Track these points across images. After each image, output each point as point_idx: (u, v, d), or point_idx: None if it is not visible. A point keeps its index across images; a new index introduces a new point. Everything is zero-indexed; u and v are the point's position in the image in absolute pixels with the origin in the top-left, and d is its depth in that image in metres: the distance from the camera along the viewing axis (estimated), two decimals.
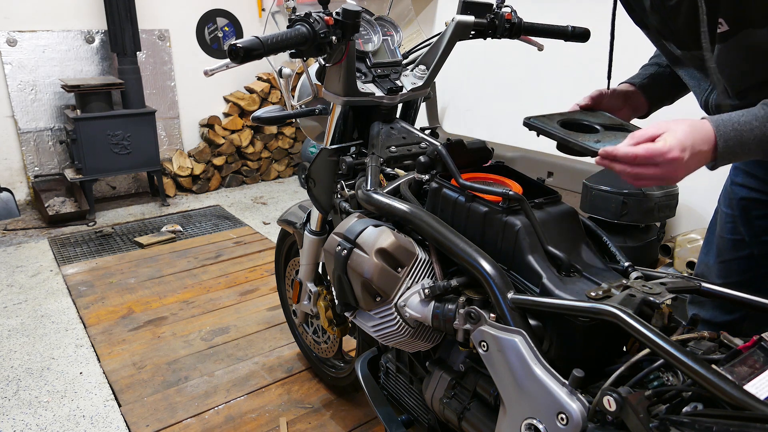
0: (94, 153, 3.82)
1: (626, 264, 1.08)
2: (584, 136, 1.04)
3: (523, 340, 0.92)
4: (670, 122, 0.89)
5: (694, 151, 0.87)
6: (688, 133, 0.87)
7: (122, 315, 2.64)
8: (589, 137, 1.04)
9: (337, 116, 1.44)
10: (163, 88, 4.48)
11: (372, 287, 1.14)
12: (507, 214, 1.05)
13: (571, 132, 1.05)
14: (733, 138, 0.86)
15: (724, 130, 0.86)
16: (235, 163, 4.68)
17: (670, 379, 0.87)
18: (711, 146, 0.87)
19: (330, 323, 1.72)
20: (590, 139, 1.03)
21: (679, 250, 2.53)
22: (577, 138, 1.02)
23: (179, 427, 1.90)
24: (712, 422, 0.70)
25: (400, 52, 1.52)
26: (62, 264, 3.19)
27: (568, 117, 1.12)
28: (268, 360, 2.27)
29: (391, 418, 1.43)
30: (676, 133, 0.87)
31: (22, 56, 3.88)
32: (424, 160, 1.22)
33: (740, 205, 1.26)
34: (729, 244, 1.30)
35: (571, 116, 1.12)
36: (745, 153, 0.88)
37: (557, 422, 0.85)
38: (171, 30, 4.41)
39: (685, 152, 0.86)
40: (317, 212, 1.66)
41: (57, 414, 1.97)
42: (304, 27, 1.18)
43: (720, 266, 1.32)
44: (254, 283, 2.97)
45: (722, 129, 0.87)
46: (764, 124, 0.85)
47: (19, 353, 2.33)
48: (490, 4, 1.49)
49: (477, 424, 1.11)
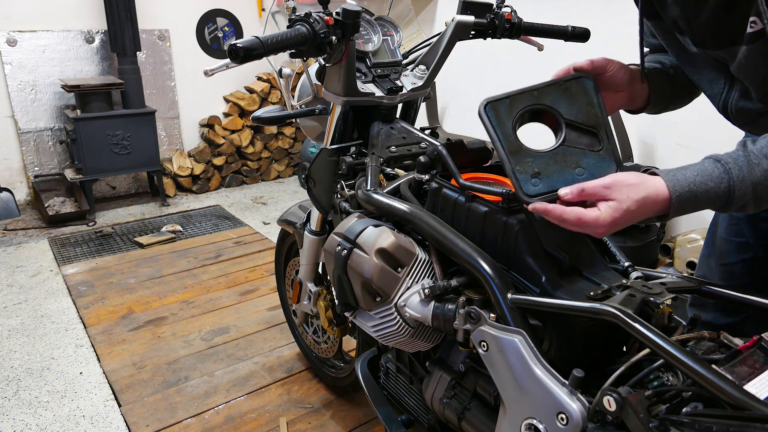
0: (94, 153, 3.82)
1: (626, 264, 1.08)
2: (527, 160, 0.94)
3: (523, 340, 0.92)
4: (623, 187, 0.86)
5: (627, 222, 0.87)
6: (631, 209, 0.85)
7: (122, 315, 2.64)
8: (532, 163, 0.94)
9: (337, 116, 1.44)
10: (163, 88, 4.48)
11: (372, 287, 1.14)
12: (507, 214, 1.05)
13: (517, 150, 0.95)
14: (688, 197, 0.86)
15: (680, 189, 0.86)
16: (235, 163, 4.68)
17: (670, 379, 0.87)
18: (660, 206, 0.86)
19: (330, 323, 1.72)
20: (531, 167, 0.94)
21: (679, 250, 2.53)
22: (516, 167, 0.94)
23: (179, 427, 1.90)
24: (712, 422, 0.70)
25: (400, 52, 1.52)
26: (62, 264, 3.19)
27: (535, 100, 0.98)
28: (268, 360, 2.27)
29: (391, 418, 1.43)
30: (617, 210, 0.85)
31: (22, 56, 3.88)
32: (424, 160, 1.22)
33: None
34: (732, 247, 1.27)
35: (540, 98, 0.98)
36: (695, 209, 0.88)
37: (557, 422, 0.85)
38: (171, 30, 4.41)
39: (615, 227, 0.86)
40: (317, 212, 1.66)
41: (57, 414, 1.97)
42: (304, 27, 1.18)
43: (722, 269, 1.30)
44: (254, 283, 2.97)
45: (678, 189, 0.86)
46: (718, 185, 0.85)
47: (19, 353, 2.33)
48: (490, 4, 1.48)
49: (477, 424, 1.11)
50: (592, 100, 0.99)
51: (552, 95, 0.98)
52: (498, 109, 0.96)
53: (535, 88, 0.98)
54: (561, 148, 0.96)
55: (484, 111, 0.96)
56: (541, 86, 0.99)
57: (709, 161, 0.88)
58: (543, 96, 0.98)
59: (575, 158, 0.96)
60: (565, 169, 0.95)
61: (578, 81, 1.00)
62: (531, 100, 0.98)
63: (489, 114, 0.96)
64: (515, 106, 0.97)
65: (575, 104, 0.98)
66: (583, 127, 0.98)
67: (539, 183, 0.94)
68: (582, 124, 0.98)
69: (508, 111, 0.97)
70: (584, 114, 0.98)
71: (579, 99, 0.99)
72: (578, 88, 0.99)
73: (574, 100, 0.99)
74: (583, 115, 0.98)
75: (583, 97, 0.99)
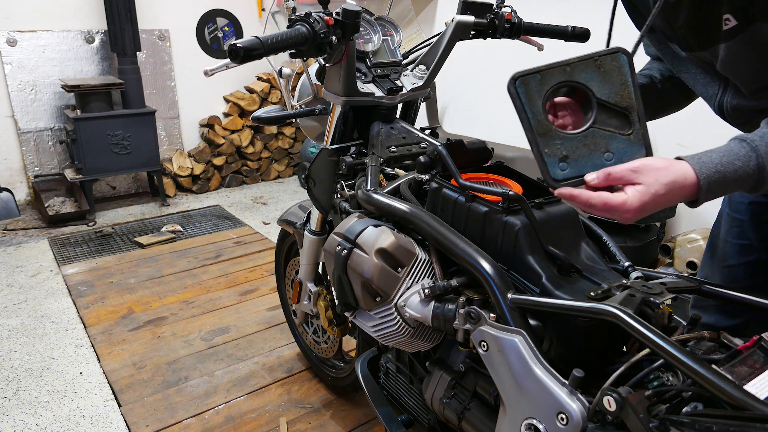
0: (94, 153, 3.82)
1: (626, 264, 1.08)
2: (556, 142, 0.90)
3: (523, 340, 0.92)
4: (651, 171, 0.84)
5: (656, 207, 0.85)
6: (659, 193, 0.83)
7: (122, 315, 2.64)
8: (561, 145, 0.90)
9: (337, 116, 1.44)
10: (163, 88, 4.48)
11: (372, 287, 1.14)
12: (507, 214, 1.05)
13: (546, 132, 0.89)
14: (717, 181, 0.84)
15: (708, 172, 0.84)
16: (235, 163, 4.68)
17: (670, 379, 0.87)
18: (689, 191, 0.85)
19: (330, 323, 1.72)
20: (560, 150, 0.89)
21: (679, 250, 2.53)
22: (544, 149, 0.89)
23: (179, 427, 1.90)
24: (712, 422, 0.70)
25: (400, 52, 1.52)
26: (62, 264, 3.19)
27: (568, 77, 0.91)
28: (268, 360, 2.27)
29: (391, 418, 1.43)
30: (645, 194, 0.83)
31: (22, 56, 3.88)
32: (424, 160, 1.22)
33: (749, 209, 1.23)
34: (735, 249, 1.27)
35: (573, 74, 0.91)
36: (726, 191, 0.86)
37: (557, 422, 0.85)
38: (171, 30, 4.41)
39: (643, 212, 0.84)
40: (317, 212, 1.66)
41: (57, 414, 1.97)
42: (304, 27, 1.18)
43: (725, 271, 1.29)
44: (254, 283, 2.97)
45: (705, 171, 0.84)
46: (746, 163, 0.83)
47: (19, 353, 2.33)
48: (490, 4, 1.48)
49: (477, 424, 1.11)
50: (627, 80, 0.92)
51: (585, 71, 0.92)
52: (528, 84, 0.90)
53: (568, 62, 0.91)
54: (591, 131, 0.91)
55: (514, 86, 0.89)
56: (575, 61, 0.91)
57: (735, 141, 0.87)
58: (576, 71, 0.91)
59: (604, 142, 0.91)
60: (594, 153, 0.91)
61: (613, 56, 0.92)
62: (563, 75, 0.91)
63: (519, 90, 0.89)
64: (546, 81, 0.90)
65: (609, 83, 0.92)
66: (615, 108, 0.92)
67: (567, 167, 0.90)
68: (614, 105, 0.92)
69: (539, 87, 0.90)
70: (617, 94, 0.92)
71: (613, 77, 0.92)
72: (613, 64, 0.92)
73: (608, 79, 0.92)
74: (616, 95, 0.92)
75: (618, 76, 0.92)
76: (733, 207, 1.27)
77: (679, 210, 2.61)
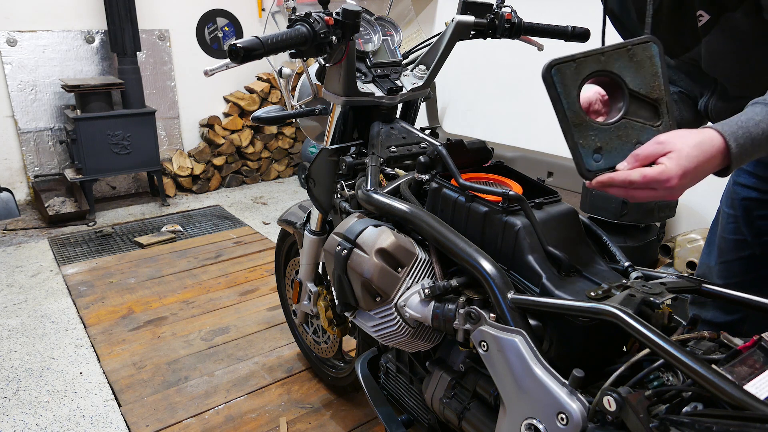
0: (94, 153, 3.82)
1: (626, 264, 1.08)
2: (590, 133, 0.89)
3: (523, 340, 0.92)
4: (676, 137, 0.84)
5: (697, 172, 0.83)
6: (692, 154, 0.82)
7: (122, 315, 2.64)
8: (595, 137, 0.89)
9: (337, 116, 1.44)
10: (163, 88, 4.48)
11: (372, 287, 1.14)
12: (507, 214, 1.05)
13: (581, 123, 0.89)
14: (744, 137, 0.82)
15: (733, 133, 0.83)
16: (235, 163, 4.68)
17: (670, 379, 0.87)
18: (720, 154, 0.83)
19: (330, 323, 1.72)
20: (594, 141, 0.89)
21: (679, 250, 2.53)
22: (579, 140, 0.89)
23: (179, 427, 1.90)
24: (712, 422, 0.70)
25: (400, 52, 1.52)
26: (62, 264, 3.19)
27: (602, 66, 0.91)
28: (268, 360, 2.27)
29: (391, 418, 1.43)
30: (680, 158, 0.82)
31: (22, 56, 3.88)
32: (424, 160, 1.22)
33: (742, 205, 1.26)
34: (731, 245, 1.29)
35: (608, 64, 0.91)
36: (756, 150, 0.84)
37: (557, 422, 0.85)
38: (171, 30, 4.41)
39: (686, 178, 0.82)
40: (317, 212, 1.66)
41: (57, 414, 1.97)
42: (304, 27, 1.18)
43: (721, 267, 1.32)
44: (254, 283, 2.97)
45: (729, 132, 0.83)
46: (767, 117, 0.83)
47: (19, 353, 2.33)
48: (490, 4, 1.48)
49: (477, 424, 1.11)
50: (657, 70, 0.93)
51: (619, 61, 0.91)
52: (564, 73, 0.88)
53: (602, 51, 0.91)
54: (623, 122, 0.91)
55: (549, 74, 0.88)
56: (608, 49, 0.91)
57: (757, 105, 0.86)
58: (610, 61, 0.91)
59: (636, 133, 0.91)
60: (626, 144, 0.90)
61: (645, 45, 0.93)
62: (598, 64, 0.90)
63: (555, 78, 0.88)
64: (582, 70, 0.89)
65: (641, 74, 0.92)
66: (646, 100, 0.93)
67: (601, 159, 0.89)
68: (645, 96, 0.92)
69: (574, 75, 0.89)
70: (648, 86, 0.93)
71: (645, 67, 0.93)
72: (645, 54, 0.93)
73: (640, 69, 0.92)
74: (647, 87, 0.93)
75: (650, 66, 0.93)
76: (728, 204, 1.30)
77: (679, 210, 2.62)
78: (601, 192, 2.57)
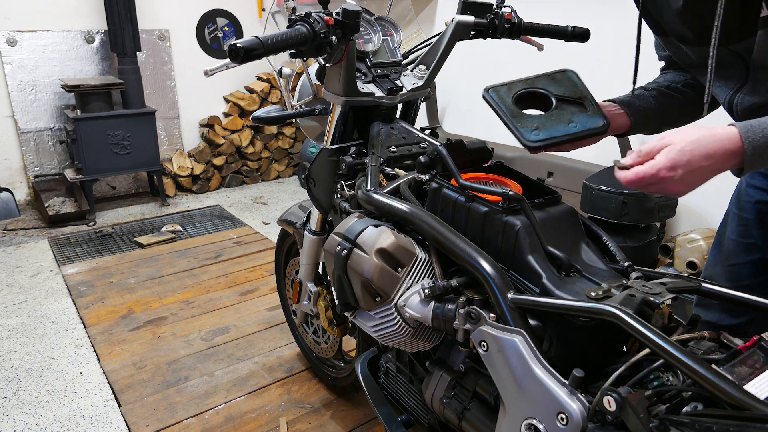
0: (94, 153, 3.82)
1: (626, 264, 1.08)
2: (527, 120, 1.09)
3: (523, 340, 0.92)
4: (678, 133, 0.85)
5: (693, 166, 0.83)
6: (687, 149, 0.83)
7: (122, 315, 2.64)
8: (531, 121, 1.09)
9: (337, 116, 1.44)
10: (163, 88, 4.48)
11: (372, 287, 1.14)
12: (507, 214, 1.05)
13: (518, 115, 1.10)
14: (763, 145, 0.81)
15: (753, 137, 0.82)
16: (235, 163, 4.68)
17: (670, 379, 0.87)
18: (732, 152, 0.83)
19: (330, 323, 1.72)
20: (530, 124, 1.08)
21: (679, 250, 2.53)
22: (517, 124, 1.08)
23: (179, 427, 1.90)
24: (712, 422, 0.70)
25: (400, 52, 1.52)
26: (62, 264, 3.19)
27: (529, 85, 1.15)
28: (268, 360, 2.27)
29: (391, 418, 1.43)
30: (671, 151, 0.84)
31: (22, 56, 3.88)
32: (424, 160, 1.22)
33: (755, 208, 1.23)
34: (740, 248, 1.27)
35: (533, 83, 1.16)
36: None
37: (557, 422, 0.85)
38: (171, 30, 4.41)
39: (676, 170, 0.83)
40: (317, 212, 1.66)
41: (57, 414, 1.97)
42: (304, 27, 1.18)
43: (728, 269, 1.29)
44: (254, 283, 2.97)
45: (751, 136, 0.82)
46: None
47: (19, 353, 2.33)
48: (490, 4, 1.48)
49: (477, 424, 1.11)
50: (576, 83, 1.17)
51: (542, 82, 1.16)
52: (499, 90, 1.14)
53: (528, 78, 1.16)
54: (555, 111, 1.12)
55: (487, 93, 1.13)
56: (533, 77, 1.16)
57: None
58: (535, 82, 1.16)
59: (568, 115, 1.12)
60: (560, 123, 1.10)
61: (563, 73, 1.18)
62: (525, 84, 1.15)
63: (492, 95, 1.13)
64: (513, 88, 1.15)
65: (562, 86, 1.16)
66: (572, 100, 1.14)
67: (539, 133, 1.08)
68: (570, 97, 1.14)
69: (507, 92, 1.14)
70: (570, 91, 1.15)
71: (565, 83, 1.16)
72: (563, 77, 1.17)
73: (561, 84, 1.16)
74: (570, 92, 1.15)
75: (568, 82, 1.17)
76: (739, 206, 1.27)
77: (679, 210, 2.62)
78: (601, 192, 2.57)
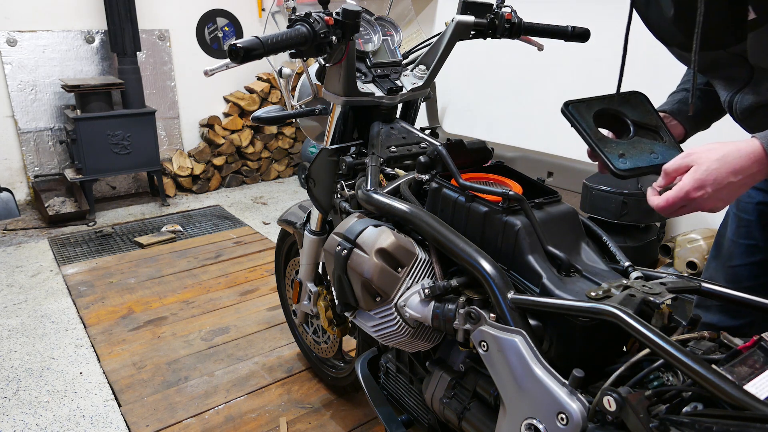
0: (94, 153, 3.82)
1: (626, 264, 1.08)
2: (612, 145, 1.08)
3: (523, 340, 0.92)
4: (703, 151, 0.89)
5: (721, 183, 0.86)
6: (712, 167, 0.87)
7: (122, 315, 2.64)
8: (616, 147, 1.08)
9: (337, 116, 1.44)
10: (163, 88, 4.48)
11: (372, 287, 1.14)
12: (507, 214, 1.05)
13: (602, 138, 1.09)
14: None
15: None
16: (235, 163, 4.68)
17: (670, 379, 0.87)
18: (758, 163, 0.86)
19: (330, 323, 1.72)
20: (616, 150, 1.07)
21: (679, 250, 2.53)
22: (604, 149, 1.06)
23: (179, 427, 1.90)
24: (712, 422, 0.70)
25: (400, 52, 1.52)
26: (62, 264, 3.19)
27: (606, 105, 1.14)
28: (268, 360, 2.27)
29: (391, 418, 1.43)
30: (696, 171, 0.88)
31: (22, 56, 3.88)
32: (424, 160, 1.22)
33: (757, 209, 1.23)
34: (741, 249, 1.27)
35: (609, 104, 1.14)
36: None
37: (557, 422, 0.85)
38: (171, 30, 4.41)
39: (705, 189, 0.87)
40: (317, 212, 1.66)
41: (57, 414, 1.97)
42: (304, 27, 1.18)
43: (729, 271, 1.29)
44: (254, 283, 2.97)
45: None
46: None
47: (19, 353, 2.33)
48: (490, 4, 1.48)
49: (477, 424, 1.11)
50: (649, 109, 1.16)
51: (617, 103, 1.15)
52: (578, 108, 1.11)
53: (603, 97, 1.15)
54: (635, 139, 1.11)
55: (567, 109, 1.10)
56: (607, 96, 1.15)
57: None
58: (611, 102, 1.15)
59: (649, 145, 1.10)
60: (643, 152, 1.09)
61: (636, 95, 1.17)
62: (603, 104, 1.14)
63: (572, 111, 1.10)
64: (591, 107, 1.13)
65: (637, 110, 1.15)
66: (647, 127, 1.13)
67: (626, 161, 1.06)
68: (645, 124, 1.13)
69: (587, 110, 1.12)
70: (646, 119, 1.15)
71: (639, 107, 1.16)
72: (636, 101, 1.16)
73: (635, 108, 1.15)
74: (645, 119, 1.14)
75: (641, 107, 1.16)
76: (740, 207, 1.27)
77: None
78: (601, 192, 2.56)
